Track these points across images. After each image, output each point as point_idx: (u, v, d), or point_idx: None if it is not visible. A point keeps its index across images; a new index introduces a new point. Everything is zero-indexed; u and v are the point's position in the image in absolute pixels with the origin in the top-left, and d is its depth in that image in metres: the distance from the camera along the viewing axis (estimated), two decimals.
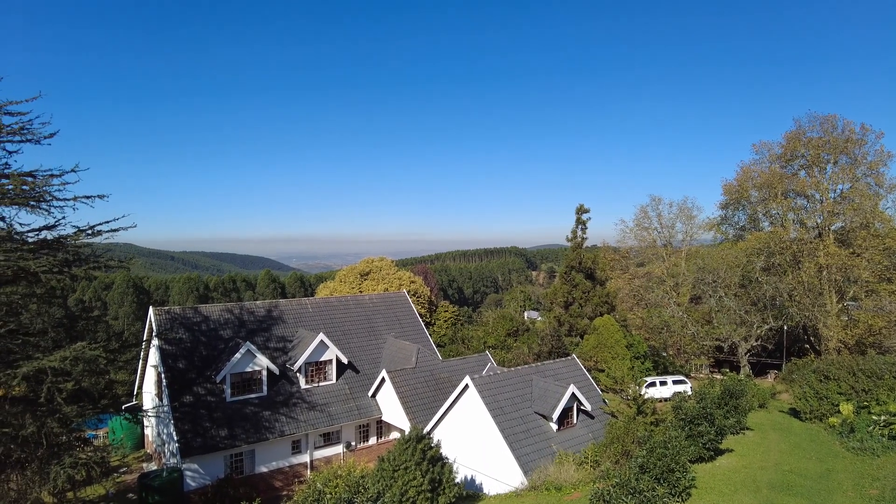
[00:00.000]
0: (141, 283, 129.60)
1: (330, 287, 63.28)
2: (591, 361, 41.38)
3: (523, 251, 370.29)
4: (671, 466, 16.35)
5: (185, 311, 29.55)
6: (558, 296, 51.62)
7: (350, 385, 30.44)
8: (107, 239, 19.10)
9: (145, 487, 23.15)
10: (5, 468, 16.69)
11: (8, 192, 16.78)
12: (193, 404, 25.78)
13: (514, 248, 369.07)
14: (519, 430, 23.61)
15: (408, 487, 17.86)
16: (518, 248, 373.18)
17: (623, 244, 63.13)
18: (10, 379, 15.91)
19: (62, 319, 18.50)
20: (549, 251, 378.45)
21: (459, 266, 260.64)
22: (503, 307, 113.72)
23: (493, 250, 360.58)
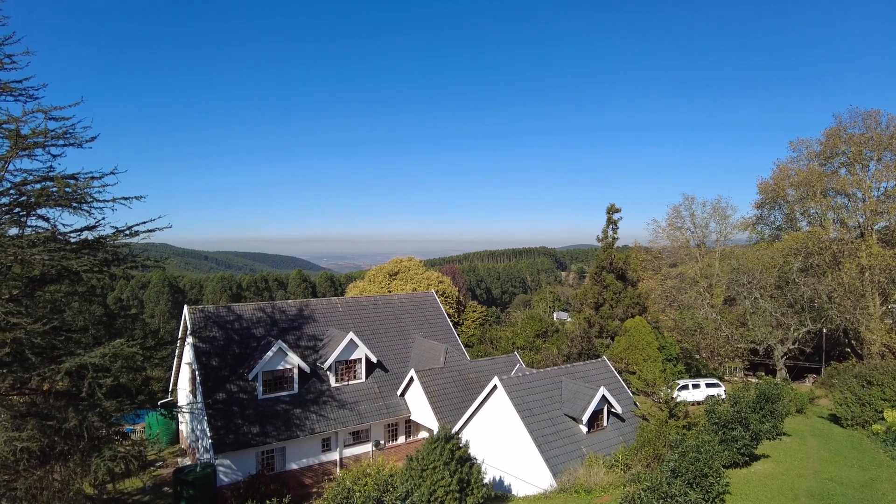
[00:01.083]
0: (176, 282, 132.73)
1: (359, 287, 63.83)
2: (622, 363, 40.82)
3: (552, 251, 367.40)
4: (704, 471, 16.01)
5: (218, 309, 30.19)
6: (588, 296, 51.09)
7: (379, 384, 30.65)
8: (143, 239, 19.57)
9: (180, 482, 23.72)
10: (50, 459, 17.29)
11: (52, 195, 17.36)
12: (226, 401, 26.31)
13: (543, 248, 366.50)
14: (548, 432, 23.43)
15: (436, 487, 17.91)
16: (547, 248, 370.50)
17: (655, 244, 62.11)
18: (54, 374, 16.46)
19: (102, 317, 19.07)
20: (578, 251, 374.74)
21: (488, 266, 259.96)
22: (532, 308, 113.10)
23: (521, 250, 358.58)
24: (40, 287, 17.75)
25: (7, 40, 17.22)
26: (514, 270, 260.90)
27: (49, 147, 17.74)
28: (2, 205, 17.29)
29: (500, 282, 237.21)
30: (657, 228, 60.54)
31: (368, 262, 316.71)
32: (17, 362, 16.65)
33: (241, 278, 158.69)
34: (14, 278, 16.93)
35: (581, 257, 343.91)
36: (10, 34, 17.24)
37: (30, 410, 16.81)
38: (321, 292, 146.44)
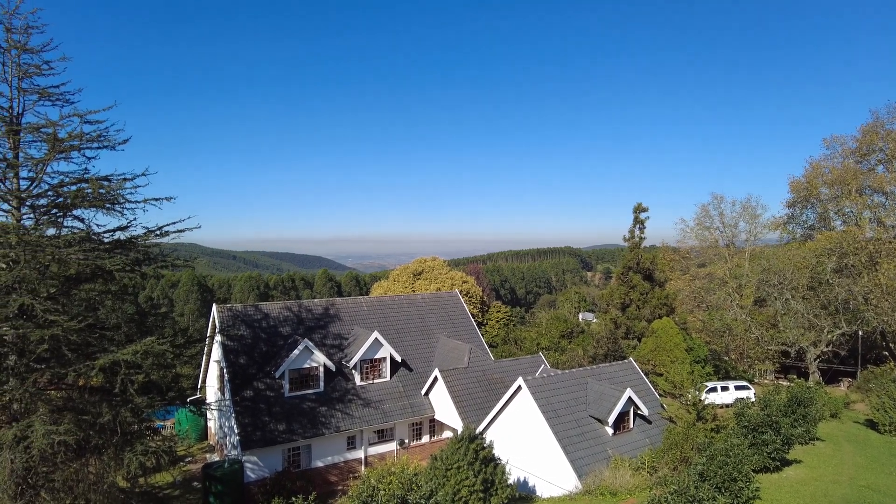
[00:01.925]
0: (205, 281, 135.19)
1: (384, 286, 64.21)
2: (649, 365, 40.27)
3: (578, 251, 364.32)
4: (733, 475, 15.71)
5: (246, 308, 30.69)
6: (615, 297, 50.51)
7: (403, 383, 30.79)
8: (173, 239, 20.01)
9: (209, 477, 24.16)
10: (85, 453, 17.81)
11: (87, 196, 17.87)
12: (253, 399, 26.72)
13: (569, 248, 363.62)
14: (573, 434, 23.25)
15: (460, 487, 17.92)
16: (572, 248, 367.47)
17: (683, 244, 61.14)
18: (89, 370, 16.94)
19: (134, 315, 19.53)
20: (604, 251, 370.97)
21: (512, 266, 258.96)
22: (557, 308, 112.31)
23: (546, 250, 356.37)
24: (76, 286, 18.28)
25: (45, 47, 17.78)
26: (538, 270, 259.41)
27: (84, 149, 18.28)
28: (40, 206, 17.88)
29: (525, 282, 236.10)
30: (685, 228, 59.63)
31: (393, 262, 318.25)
32: (55, 358, 17.20)
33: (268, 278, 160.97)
34: (51, 277, 17.47)
35: (607, 257, 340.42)
36: (48, 41, 17.82)
37: (66, 405, 17.33)
38: (346, 291, 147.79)
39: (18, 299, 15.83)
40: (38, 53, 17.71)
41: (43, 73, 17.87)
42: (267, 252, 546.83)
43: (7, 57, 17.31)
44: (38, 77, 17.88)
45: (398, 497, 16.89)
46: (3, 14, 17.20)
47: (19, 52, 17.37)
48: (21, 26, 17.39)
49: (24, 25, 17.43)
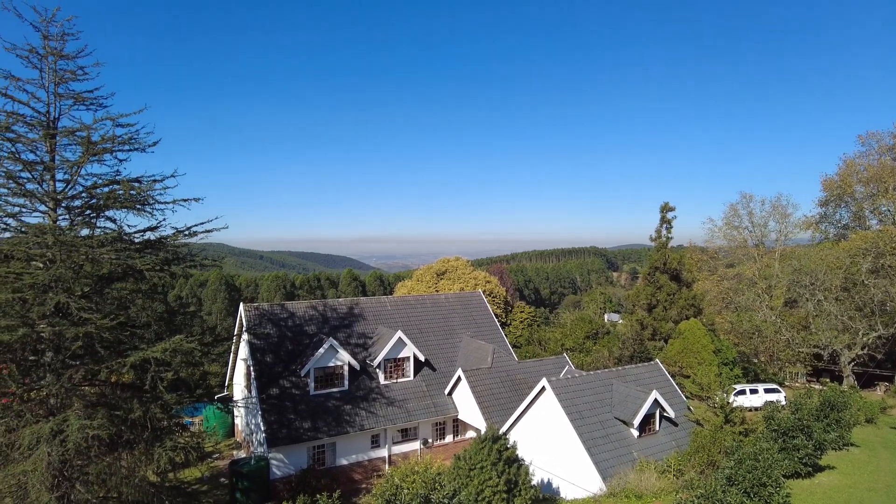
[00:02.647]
0: (232, 280, 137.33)
1: (407, 286, 64.43)
2: (676, 367, 39.67)
3: (603, 251, 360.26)
4: (762, 480, 15.39)
5: (272, 307, 31.12)
6: (641, 298, 49.89)
7: (427, 382, 30.87)
8: (202, 239, 20.38)
9: (235, 473, 24.57)
10: (117, 447, 18.27)
11: (119, 197, 18.32)
12: (279, 396, 27.08)
13: (594, 248, 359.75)
14: (598, 435, 23.04)
15: (483, 487, 17.90)
16: (598, 248, 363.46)
17: (711, 244, 60.05)
18: (121, 367, 17.38)
19: (163, 314, 19.92)
20: (631, 251, 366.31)
21: (536, 266, 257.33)
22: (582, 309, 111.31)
23: (571, 250, 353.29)
24: (108, 284, 18.75)
25: (80, 53, 18.27)
26: (563, 271, 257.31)
27: (116, 152, 18.74)
28: (75, 207, 18.39)
29: (549, 282, 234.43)
30: (713, 228, 58.57)
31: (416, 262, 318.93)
32: (89, 355, 17.66)
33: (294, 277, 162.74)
34: (85, 276, 17.94)
35: (633, 257, 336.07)
36: (83, 47, 18.30)
37: (99, 401, 17.79)
38: (371, 291, 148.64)
39: (55, 297, 16.31)
40: (73, 59, 18.21)
41: (78, 79, 18.37)
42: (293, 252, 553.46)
43: (44, 63, 17.84)
44: (74, 82, 18.39)
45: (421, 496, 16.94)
46: (41, 22, 17.74)
47: (56, 58, 17.88)
48: (57, 33, 17.91)
49: (59, 32, 17.94)
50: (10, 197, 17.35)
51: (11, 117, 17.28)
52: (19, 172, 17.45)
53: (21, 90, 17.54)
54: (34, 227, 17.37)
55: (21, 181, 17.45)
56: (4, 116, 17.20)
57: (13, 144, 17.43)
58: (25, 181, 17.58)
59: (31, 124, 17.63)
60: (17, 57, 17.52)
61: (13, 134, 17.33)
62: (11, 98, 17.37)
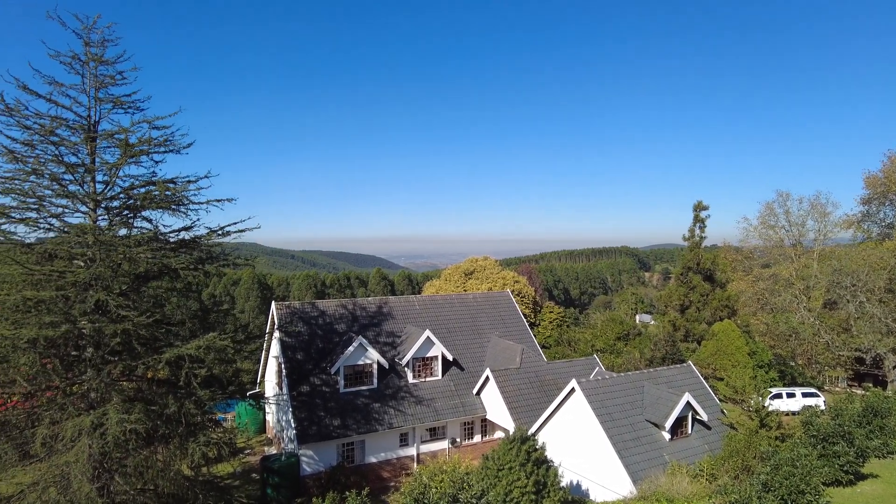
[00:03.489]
0: (264, 279, 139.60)
1: (436, 285, 64.61)
2: (709, 369, 38.84)
3: (635, 251, 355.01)
4: (801, 487, 14.95)
5: (303, 306, 31.59)
6: (673, 298, 49.00)
7: (455, 382, 30.89)
8: (235, 239, 20.80)
9: (267, 469, 24.99)
10: (153, 441, 18.80)
11: (155, 198, 18.84)
12: (310, 394, 27.44)
13: (625, 248, 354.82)
14: (628, 438, 22.72)
15: (512, 487, 17.84)
16: (629, 248, 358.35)
17: (746, 243, 58.56)
18: (156, 363, 17.87)
19: (197, 312, 20.40)
20: (663, 251, 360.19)
21: (565, 266, 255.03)
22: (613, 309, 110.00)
23: (601, 250, 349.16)
24: (144, 283, 19.29)
25: (119, 58, 18.84)
26: (593, 271, 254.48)
27: (152, 154, 19.26)
28: (113, 208, 18.96)
29: (579, 282, 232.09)
30: (748, 227, 57.08)
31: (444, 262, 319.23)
32: (126, 351, 18.21)
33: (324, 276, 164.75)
34: (123, 275, 18.49)
35: (665, 257, 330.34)
36: (121, 53, 18.86)
37: (137, 396, 18.32)
38: (399, 290, 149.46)
39: (95, 295, 16.85)
40: (113, 64, 18.77)
41: (116, 83, 18.94)
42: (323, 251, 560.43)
43: (86, 69, 18.45)
44: (113, 87, 18.96)
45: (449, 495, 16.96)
46: (83, 29, 18.34)
47: (96, 64, 18.46)
48: (98, 40, 18.50)
49: (100, 39, 18.53)
50: (54, 198, 18.01)
51: (55, 121, 17.92)
52: (62, 174, 18.10)
53: (64, 95, 18.19)
54: (76, 227, 17.99)
55: (64, 183, 18.09)
56: (49, 121, 17.86)
57: (57, 148, 18.08)
58: (68, 183, 18.22)
59: (73, 128, 18.26)
60: (60, 63, 18.17)
61: (57, 138, 17.97)
62: (56, 103, 18.03)
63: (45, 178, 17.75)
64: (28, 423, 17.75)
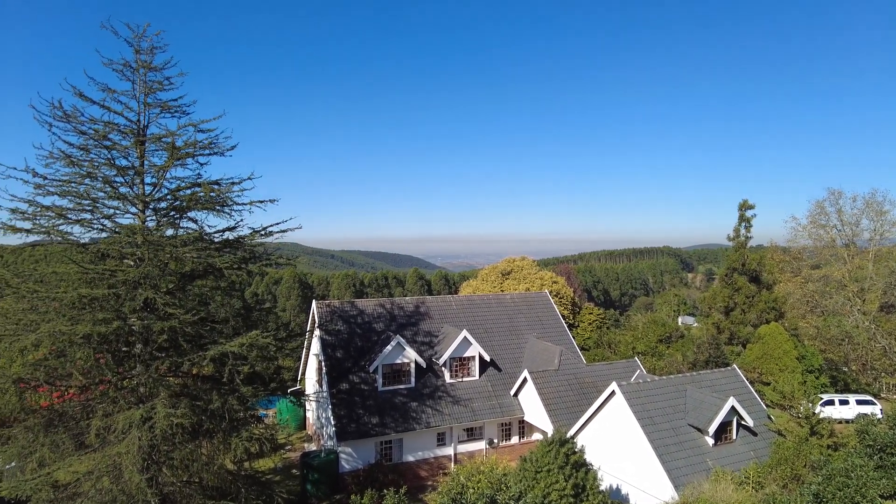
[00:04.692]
0: (305, 278, 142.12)
1: (472, 285, 64.47)
2: (755, 373, 37.62)
3: (677, 251, 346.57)
4: (855, 500, 14.32)
5: (342, 304, 32.04)
6: (717, 300, 47.67)
7: (492, 382, 30.79)
8: (277, 239, 21.25)
9: (306, 465, 25.42)
10: (198, 436, 19.37)
11: (200, 199, 19.42)
12: (349, 391, 27.80)
13: (667, 248, 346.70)
14: (670, 442, 22.20)
15: (550, 490, 17.66)
16: (671, 248, 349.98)
17: (794, 244, 56.37)
18: (201, 360, 18.41)
19: (240, 310, 20.90)
20: (706, 251, 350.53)
21: (605, 266, 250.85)
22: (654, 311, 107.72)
23: (643, 250, 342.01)
24: (190, 282, 19.89)
25: (166, 65, 19.49)
26: (634, 271, 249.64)
27: (197, 156, 19.85)
28: (161, 209, 19.63)
29: (619, 283, 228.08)
30: (797, 226, 54.91)
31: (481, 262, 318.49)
32: (173, 348, 18.83)
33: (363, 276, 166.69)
34: (170, 274, 19.13)
35: (709, 258, 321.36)
36: (169, 59, 19.50)
37: (182, 391, 18.92)
38: (436, 290, 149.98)
39: (143, 293, 17.48)
40: (161, 71, 19.45)
41: (164, 89, 19.61)
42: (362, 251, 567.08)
43: (136, 76, 19.16)
44: (161, 92, 19.64)
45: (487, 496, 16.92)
46: (134, 38, 19.05)
47: (146, 70, 19.17)
48: (147, 47, 19.19)
49: (149, 46, 19.22)
50: (107, 200, 18.76)
51: (108, 126, 18.67)
52: (114, 177, 18.84)
53: (116, 101, 18.93)
54: (126, 227, 18.69)
55: (115, 185, 18.83)
56: (102, 126, 18.62)
57: (109, 151, 18.83)
58: (119, 185, 18.96)
59: (124, 132, 18.99)
60: (113, 71, 18.93)
61: (109, 142, 18.73)
62: (108, 109, 18.79)
63: (99, 181, 18.51)
64: (83, 414, 18.54)
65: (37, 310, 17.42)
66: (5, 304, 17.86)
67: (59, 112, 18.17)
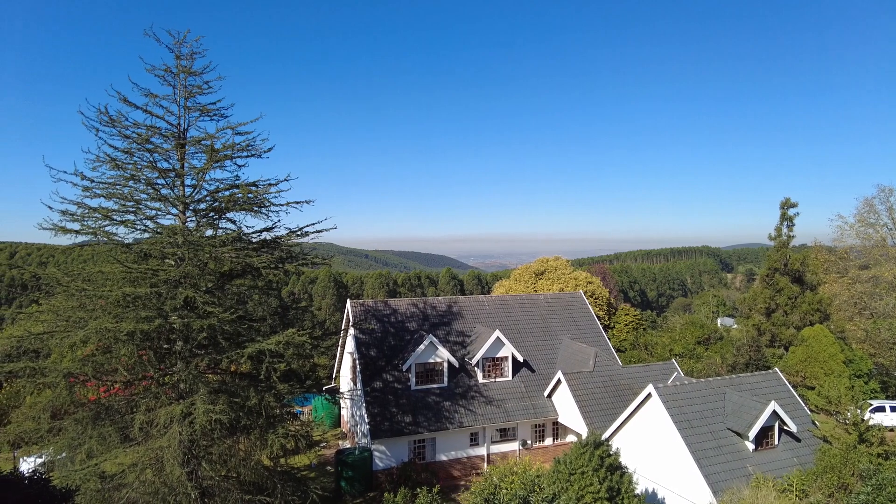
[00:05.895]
0: (340, 278, 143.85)
1: (505, 285, 64.14)
2: (798, 377, 36.38)
3: (716, 251, 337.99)
4: None
5: (376, 304, 32.33)
6: (758, 301, 46.25)
7: (525, 383, 30.59)
8: (312, 239, 21.60)
9: (341, 463, 25.73)
10: (236, 431, 19.83)
11: (238, 200, 19.87)
12: (382, 390, 28.03)
13: (706, 248, 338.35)
14: (708, 447, 21.67)
15: (584, 493, 17.46)
16: (710, 248, 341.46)
17: (841, 243, 54.28)
18: (239, 357, 18.84)
19: (277, 308, 21.30)
20: (747, 251, 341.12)
21: (642, 267, 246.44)
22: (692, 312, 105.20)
23: (680, 250, 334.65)
24: (228, 281, 20.36)
25: (205, 69, 20.00)
26: (671, 271, 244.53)
27: (235, 158, 20.31)
28: (200, 210, 20.15)
29: (656, 283, 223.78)
30: (843, 225, 52.84)
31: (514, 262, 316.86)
32: (212, 345, 19.29)
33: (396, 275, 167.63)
34: (209, 273, 19.61)
35: (750, 258, 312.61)
36: (208, 64, 20.01)
37: (221, 388, 19.37)
38: (468, 290, 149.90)
39: (184, 292, 17.97)
40: (200, 75, 19.97)
41: (203, 92, 20.13)
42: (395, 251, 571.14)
43: (177, 81, 19.73)
44: (200, 96, 20.17)
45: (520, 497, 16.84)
46: (175, 44, 19.62)
47: (186, 75, 19.71)
48: (187, 53, 19.74)
49: (189, 52, 19.76)
50: (149, 201, 19.37)
51: (150, 130, 19.28)
52: (156, 179, 19.44)
53: (158, 105, 19.54)
54: (167, 228, 19.26)
55: (157, 187, 19.43)
56: (145, 130, 19.24)
57: (151, 154, 19.44)
58: (161, 187, 19.55)
59: (165, 135, 19.58)
60: (154, 76, 19.53)
61: (151, 145, 19.33)
62: (151, 113, 19.41)
63: (142, 183, 19.13)
64: (127, 408, 19.20)
65: (85, 307, 18.11)
66: (56, 302, 18.63)
67: (105, 117, 18.84)
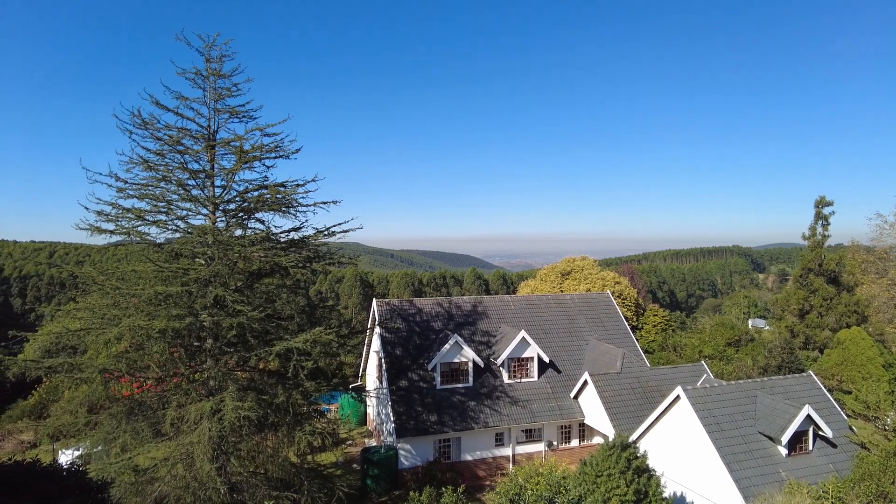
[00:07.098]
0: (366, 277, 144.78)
1: (531, 285, 63.79)
2: (834, 381, 35.42)
3: (748, 251, 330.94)
4: None
5: (402, 303, 32.50)
6: (791, 302, 45.17)
7: (551, 384, 30.39)
8: (339, 239, 21.83)
9: (367, 461, 25.92)
10: (264, 428, 20.14)
11: (266, 200, 20.19)
12: (408, 389, 28.14)
13: (737, 248, 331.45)
14: (739, 451, 21.22)
15: (610, 495, 17.28)
16: (741, 248, 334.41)
17: (879, 243, 52.45)
18: (267, 355, 19.15)
19: (305, 307, 21.55)
20: (779, 251, 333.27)
21: (671, 267, 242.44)
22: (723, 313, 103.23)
23: (710, 250, 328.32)
24: (257, 280, 20.70)
25: (234, 72, 20.35)
26: (701, 272, 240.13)
27: (264, 159, 20.62)
28: (230, 210, 20.52)
29: (686, 284, 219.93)
30: (882, 224, 51.03)
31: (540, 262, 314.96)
32: (241, 343, 19.63)
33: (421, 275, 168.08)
34: (238, 272, 19.96)
35: (782, 258, 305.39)
36: (236, 67, 20.36)
37: (250, 385, 19.71)
38: (494, 290, 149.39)
39: (214, 291, 18.33)
40: (229, 78, 20.33)
41: (232, 95, 20.50)
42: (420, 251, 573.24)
43: (206, 83, 20.12)
44: (229, 98, 20.54)
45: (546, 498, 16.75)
46: (204, 48, 20.01)
47: (215, 78, 20.09)
48: (217, 56, 20.11)
49: (219, 55, 20.13)
50: (180, 202, 19.80)
51: (181, 132, 19.71)
52: (187, 180, 19.86)
53: (188, 108, 19.96)
54: (198, 228, 19.66)
55: (188, 188, 19.85)
56: (176, 132, 19.67)
57: (182, 156, 19.87)
58: (191, 188, 19.97)
59: (195, 137, 20.00)
60: (185, 79, 19.96)
61: (182, 147, 19.76)
62: (182, 115, 19.84)
63: (173, 184, 19.57)
64: (159, 404, 19.67)
65: (119, 305, 18.60)
66: (92, 300, 19.18)
67: (138, 120, 19.32)
